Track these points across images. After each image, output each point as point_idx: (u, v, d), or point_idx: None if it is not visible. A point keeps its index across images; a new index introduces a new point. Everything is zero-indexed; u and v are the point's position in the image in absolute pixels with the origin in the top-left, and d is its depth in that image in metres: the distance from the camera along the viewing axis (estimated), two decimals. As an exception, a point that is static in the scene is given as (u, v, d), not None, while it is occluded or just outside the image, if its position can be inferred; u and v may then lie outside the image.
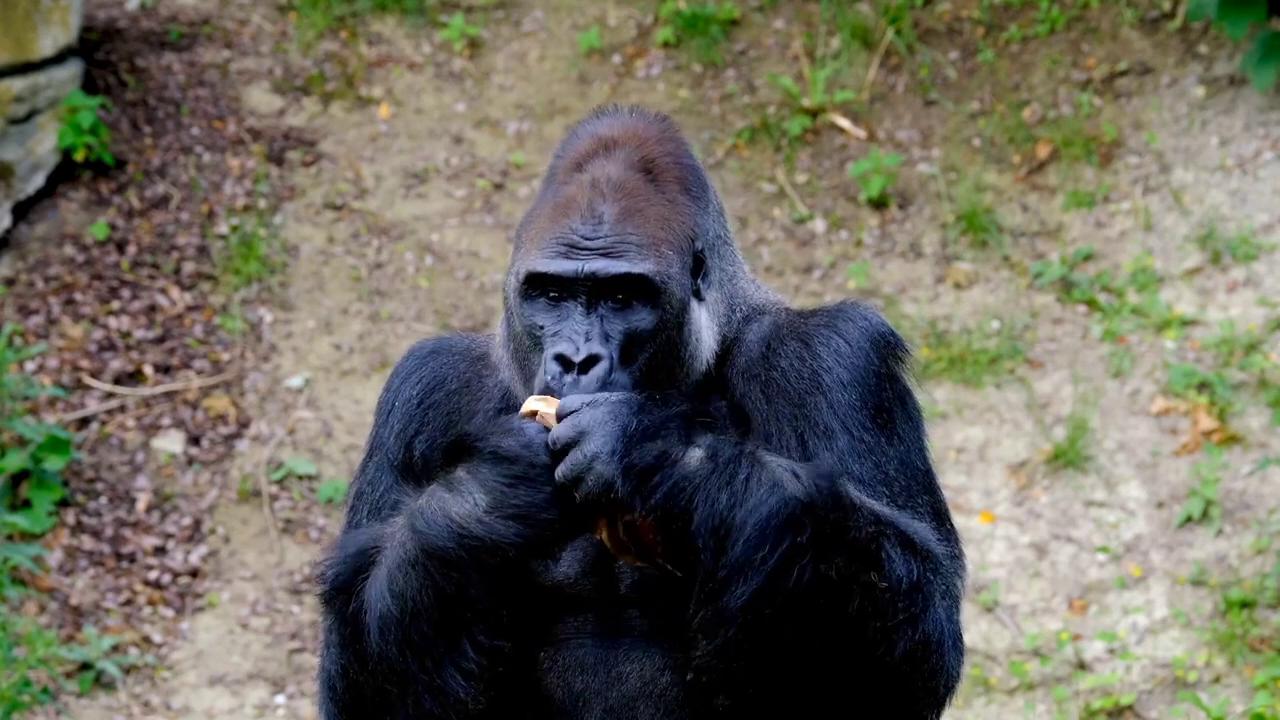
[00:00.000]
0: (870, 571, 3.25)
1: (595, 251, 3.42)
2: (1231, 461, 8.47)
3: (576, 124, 3.63)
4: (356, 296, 9.51)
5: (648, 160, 3.53)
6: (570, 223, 3.44)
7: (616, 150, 3.53)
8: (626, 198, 3.46)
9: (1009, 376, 9.02)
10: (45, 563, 8.45)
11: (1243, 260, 9.14)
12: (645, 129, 3.57)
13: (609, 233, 3.43)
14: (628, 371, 3.42)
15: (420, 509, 3.32)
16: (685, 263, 3.49)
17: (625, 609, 3.45)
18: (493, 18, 10.63)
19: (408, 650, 3.33)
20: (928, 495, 3.51)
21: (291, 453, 8.93)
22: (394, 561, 3.34)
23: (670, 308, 3.45)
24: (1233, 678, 7.84)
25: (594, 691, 3.45)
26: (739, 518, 3.22)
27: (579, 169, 3.52)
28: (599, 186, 3.47)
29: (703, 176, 3.61)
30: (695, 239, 3.52)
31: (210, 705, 8.13)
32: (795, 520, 3.21)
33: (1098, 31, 10.17)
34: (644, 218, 3.46)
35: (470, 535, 3.28)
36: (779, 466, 3.26)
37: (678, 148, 3.58)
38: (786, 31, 10.45)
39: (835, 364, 3.48)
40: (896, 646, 3.28)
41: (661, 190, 3.51)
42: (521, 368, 3.50)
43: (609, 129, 3.56)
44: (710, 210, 3.59)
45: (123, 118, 10.02)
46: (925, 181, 9.85)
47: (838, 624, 3.24)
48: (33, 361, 9.08)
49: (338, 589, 3.42)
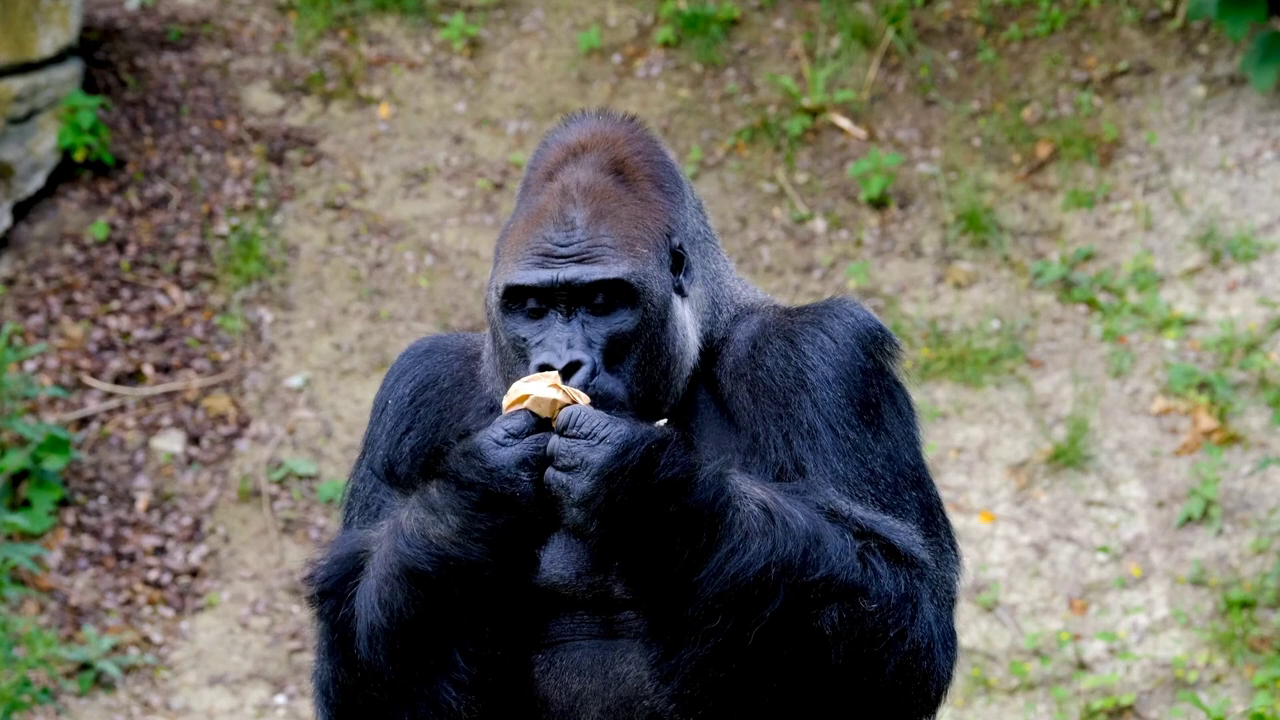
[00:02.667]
0: (858, 599, 3.26)
1: (570, 258, 3.42)
2: (1231, 461, 8.46)
3: (546, 134, 3.65)
4: (356, 296, 9.51)
5: (617, 161, 3.53)
6: (543, 231, 3.44)
7: (585, 155, 3.53)
8: (597, 201, 3.47)
9: (1009, 376, 9.02)
10: (45, 563, 8.45)
11: (1243, 260, 9.14)
12: (613, 131, 3.58)
13: (582, 237, 3.43)
14: (616, 375, 3.42)
15: (402, 526, 3.33)
16: (663, 260, 3.49)
17: (621, 610, 3.44)
18: (493, 18, 10.63)
19: (398, 661, 3.34)
20: (916, 491, 3.50)
21: (291, 452, 8.93)
22: (381, 574, 3.34)
23: (651, 306, 3.45)
24: (1233, 678, 7.84)
25: (591, 693, 3.44)
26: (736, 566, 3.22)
27: (550, 178, 3.53)
28: (569, 193, 3.47)
29: (676, 172, 3.60)
30: (672, 235, 3.52)
31: (210, 705, 8.13)
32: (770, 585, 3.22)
33: (1098, 31, 10.17)
34: (616, 219, 3.46)
35: (448, 556, 3.28)
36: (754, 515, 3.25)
37: (647, 146, 3.58)
38: (786, 31, 10.44)
39: (820, 361, 3.47)
40: (888, 665, 3.28)
41: (633, 190, 3.51)
42: (506, 381, 3.49)
43: (577, 135, 3.57)
44: (686, 205, 3.59)
45: (123, 118, 10.02)
46: (925, 181, 9.85)
47: (821, 665, 3.26)
48: (33, 361, 9.08)
49: (325, 593, 3.43)
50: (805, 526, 3.25)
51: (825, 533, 3.27)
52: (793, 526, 3.24)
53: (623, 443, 3.20)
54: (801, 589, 3.23)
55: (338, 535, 3.62)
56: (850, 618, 3.25)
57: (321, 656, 3.48)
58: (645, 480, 3.19)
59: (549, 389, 3.29)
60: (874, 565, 3.27)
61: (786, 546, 3.22)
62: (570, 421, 3.24)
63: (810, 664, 3.25)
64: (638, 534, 3.21)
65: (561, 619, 3.47)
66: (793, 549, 3.23)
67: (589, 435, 3.22)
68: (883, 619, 3.26)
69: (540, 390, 3.28)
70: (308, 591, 3.47)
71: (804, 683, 3.27)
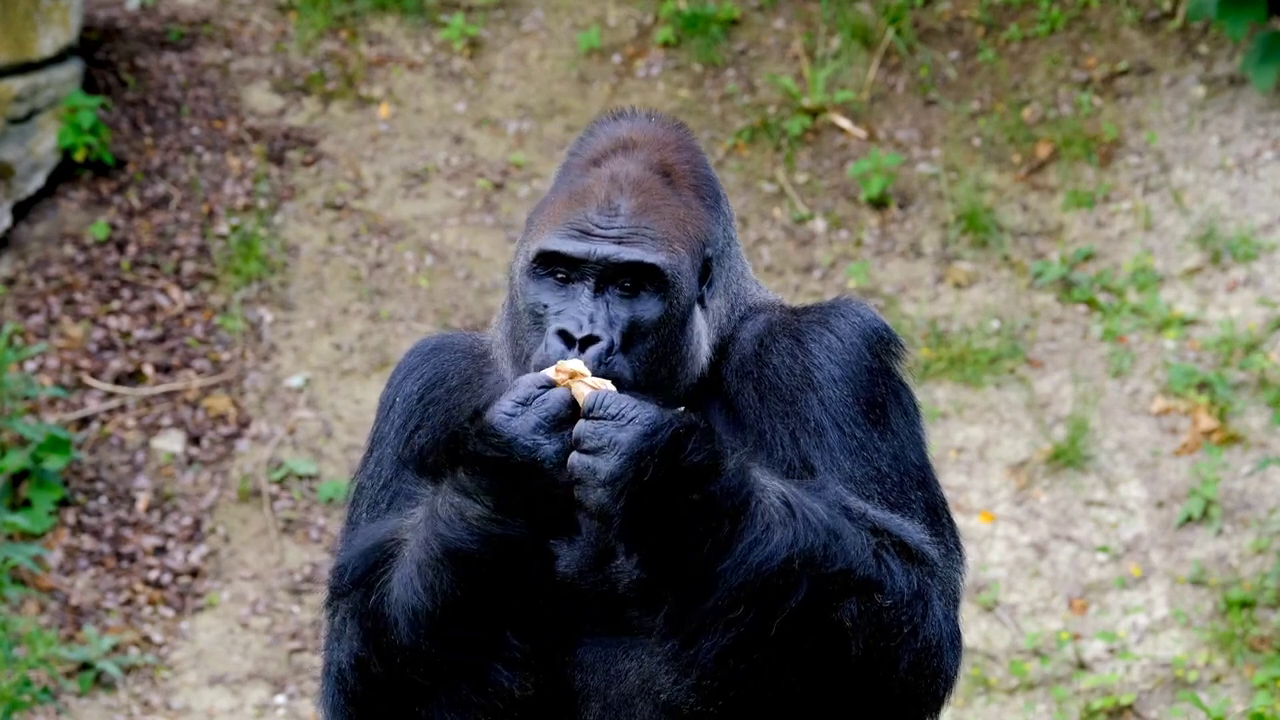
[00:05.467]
0: (874, 594, 3.26)
1: (609, 238, 3.43)
2: (1231, 461, 8.47)
3: (592, 123, 3.66)
4: (356, 296, 9.51)
5: (666, 164, 3.54)
6: (586, 210, 3.46)
7: (635, 151, 3.54)
8: (645, 194, 3.48)
9: (1009, 376, 9.02)
10: (45, 562, 8.45)
11: (1243, 260, 9.14)
12: (664, 135, 3.59)
13: (625, 224, 3.44)
14: (629, 358, 3.42)
15: (438, 511, 3.31)
16: (696, 265, 3.50)
17: (625, 607, 3.45)
18: (493, 18, 10.63)
19: (444, 645, 3.33)
20: (922, 491, 3.51)
21: (291, 452, 8.93)
22: (421, 558, 3.33)
23: (678, 302, 3.45)
24: (1233, 678, 7.84)
25: (593, 689, 3.44)
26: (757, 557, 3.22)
27: (596, 164, 3.53)
28: (618, 181, 3.48)
29: (717, 186, 3.62)
30: (707, 245, 3.53)
31: (210, 705, 8.13)
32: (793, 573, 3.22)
33: (1098, 31, 10.17)
34: (660, 215, 3.47)
35: (489, 534, 3.27)
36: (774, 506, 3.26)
37: (694, 155, 3.60)
38: (786, 31, 10.45)
39: (827, 360, 3.48)
40: (901, 661, 3.29)
41: (678, 194, 3.52)
42: (515, 346, 3.49)
43: (628, 131, 3.58)
44: (722, 220, 3.61)
45: (123, 118, 10.02)
46: (925, 181, 9.85)
47: (840, 657, 3.26)
48: (33, 361, 9.08)
49: (355, 582, 3.42)
50: (825, 520, 3.25)
51: (843, 527, 3.27)
52: (813, 520, 3.24)
53: (651, 424, 3.19)
54: (822, 580, 3.23)
55: (351, 531, 3.62)
56: (867, 611, 3.26)
57: (340, 644, 3.46)
58: (673, 462, 3.18)
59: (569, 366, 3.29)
60: (888, 562, 3.28)
61: (808, 539, 3.22)
62: (598, 403, 3.22)
63: (829, 657, 3.26)
64: (661, 519, 3.19)
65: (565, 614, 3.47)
66: (814, 541, 3.23)
67: (617, 416, 3.20)
68: (897, 615, 3.26)
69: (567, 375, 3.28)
70: (333, 580, 3.46)
71: (821, 676, 3.28)
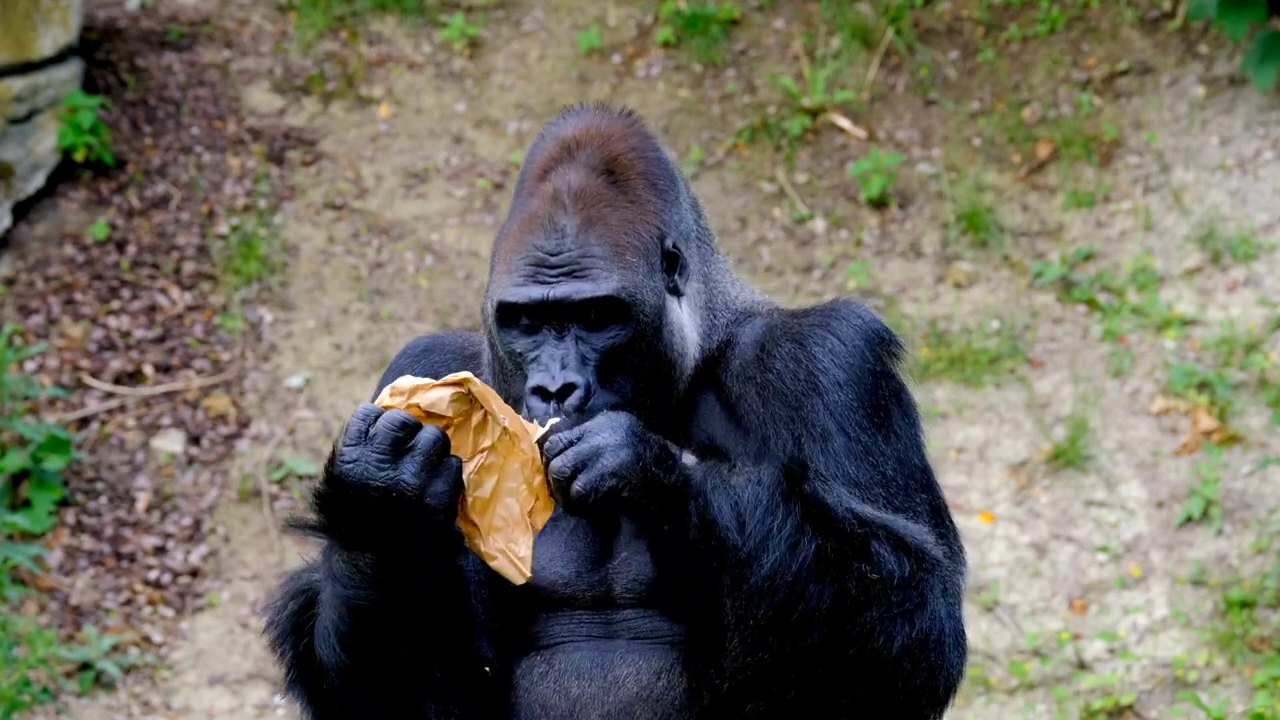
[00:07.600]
0: (860, 562, 3.28)
1: (560, 270, 3.43)
2: (1231, 461, 8.47)
3: (544, 127, 3.65)
4: (356, 296, 9.51)
5: (610, 159, 3.53)
6: (534, 239, 3.45)
7: (579, 153, 3.53)
8: (587, 207, 3.47)
9: (1009, 376, 9.02)
10: (45, 562, 8.45)
11: (1243, 260, 9.14)
12: (608, 127, 3.57)
13: (571, 246, 3.43)
14: (613, 390, 3.44)
15: (332, 562, 3.38)
16: (654, 264, 3.49)
17: (621, 611, 3.45)
18: (493, 18, 10.63)
19: (370, 689, 3.38)
20: (925, 493, 3.51)
21: (291, 452, 8.93)
22: (329, 615, 3.39)
23: (644, 317, 3.45)
24: (1233, 678, 7.84)
25: (591, 696, 3.43)
26: (748, 498, 3.27)
27: (543, 178, 3.53)
28: (560, 198, 3.48)
29: (671, 169, 3.60)
30: (665, 236, 3.52)
31: (210, 705, 8.13)
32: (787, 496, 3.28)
33: (1098, 31, 10.17)
34: (606, 225, 3.46)
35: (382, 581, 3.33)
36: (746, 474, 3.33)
37: (642, 142, 3.57)
38: (786, 31, 10.44)
39: (831, 364, 3.48)
40: (894, 640, 3.29)
41: (625, 191, 3.51)
42: (503, 387, 3.50)
43: (572, 130, 3.57)
44: (681, 203, 3.59)
45: (123, 118, 10.02)
46: (925, 181, 9.85)
47: (840, 605, 3.28)
48: (33, 361, 9.08)
49: (284, 635, 3.51)
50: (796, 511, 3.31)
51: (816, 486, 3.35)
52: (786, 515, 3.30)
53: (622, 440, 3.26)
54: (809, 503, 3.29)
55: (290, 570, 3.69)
56: (857, 571, 3.29)
57: (289, 685, 3.54)
58: (648, 483, 3.25)
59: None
60: (875, 548, 3.30)
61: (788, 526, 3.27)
62: (556, 444, 3.28)
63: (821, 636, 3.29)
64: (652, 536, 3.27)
65: (561, 620, 3.46)
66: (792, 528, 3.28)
67: (580, 438, 3.27)
68: (885, 592, 3.29)
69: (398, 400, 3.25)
70: (268, 635, 3.51)
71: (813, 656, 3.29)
